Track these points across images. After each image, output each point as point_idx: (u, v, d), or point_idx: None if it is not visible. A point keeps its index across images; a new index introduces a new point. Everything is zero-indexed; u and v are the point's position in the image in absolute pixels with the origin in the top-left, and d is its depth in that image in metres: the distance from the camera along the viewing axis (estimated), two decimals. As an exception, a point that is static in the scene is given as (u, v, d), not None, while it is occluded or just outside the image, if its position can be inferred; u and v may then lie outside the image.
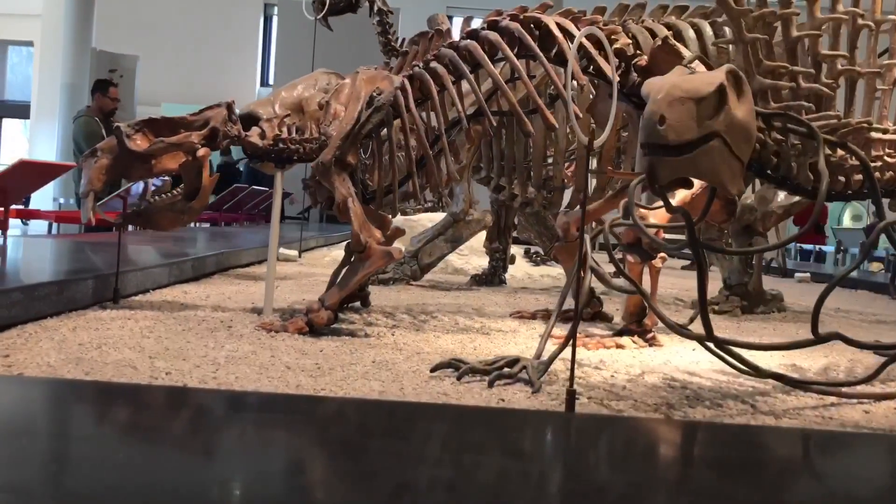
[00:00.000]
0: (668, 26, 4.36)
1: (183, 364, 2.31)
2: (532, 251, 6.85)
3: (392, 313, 3.65)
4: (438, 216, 6.37)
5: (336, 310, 3.00)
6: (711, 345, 2.13)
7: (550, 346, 2.49)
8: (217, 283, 4.52)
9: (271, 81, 21.16)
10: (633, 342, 3.13)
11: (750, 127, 1.83)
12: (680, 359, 2.94)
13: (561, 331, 3.41)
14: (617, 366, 2.73)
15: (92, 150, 3.09)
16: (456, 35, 3.41)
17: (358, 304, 3.53)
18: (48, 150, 19.85)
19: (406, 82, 3.12)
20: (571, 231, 3.80)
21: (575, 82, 2.81)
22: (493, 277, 5.50)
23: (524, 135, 3.23)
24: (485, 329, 3.37)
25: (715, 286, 4.68)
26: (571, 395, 1.99)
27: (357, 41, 15.45)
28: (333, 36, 16.18)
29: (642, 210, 3.13)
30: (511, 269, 5.75)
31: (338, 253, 6.64)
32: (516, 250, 6.34)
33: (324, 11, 6.76)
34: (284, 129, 3.28)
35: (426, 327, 3.32)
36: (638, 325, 3.19)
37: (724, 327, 3.96)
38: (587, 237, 2.55)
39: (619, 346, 3.08)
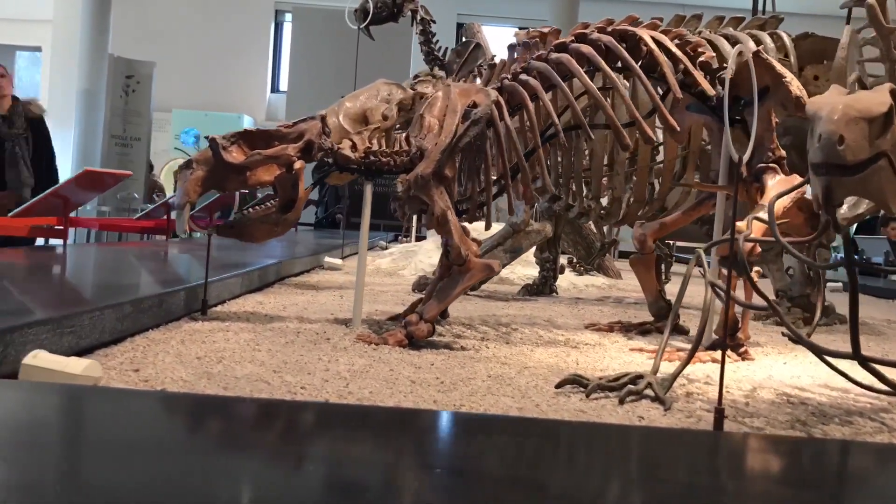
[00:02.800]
0: (727, 37, 4.38)
1: (310, 378, 2.31)
2: (575, 261, 6.86)
3: (470, 325, 3.65)
4: (478, 225, 6.38)
5: (434, 323, 3.00)
6: (827, 362, 2.13)
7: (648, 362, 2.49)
8: (282, 292, 4.52)
9: (282, 88, 21.20)
10: (728, 356, 3.12)
11: (910, 146, 1.83)
12: (780, 373, 2.95)
13: (648, 344, 3.43)
14: (725, 382, 2.72)
15: (187, 162, 3.09)
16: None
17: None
18: (62, 155, 19.91)
19: (499, 96, 3.14)
20: (648, 243, 3.82)
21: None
22: (543, 287, 5.51)
23: (622, 148, 3.23)
24: (571, 342, 3.37)
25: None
26: (720, 414, 1.99)
27: (374, 48, 15.56)
28: (348, 43, 16.25)
29: (739, 224, 3.14)
30: (554, 278, 5.75)
31: (381, 261, 6.65)
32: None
33: (367, 21, 6.77)
34: (375, 142, 3.29)
35: (513, 340, 3.32)
36: (731, 338, 3.19)
37: (783, 339, 3.96)
38: (705, 254, 2.56)
39: (713, 361, 3.08)
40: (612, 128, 3.10)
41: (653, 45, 3.16)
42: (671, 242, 7.33)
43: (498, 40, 7.10)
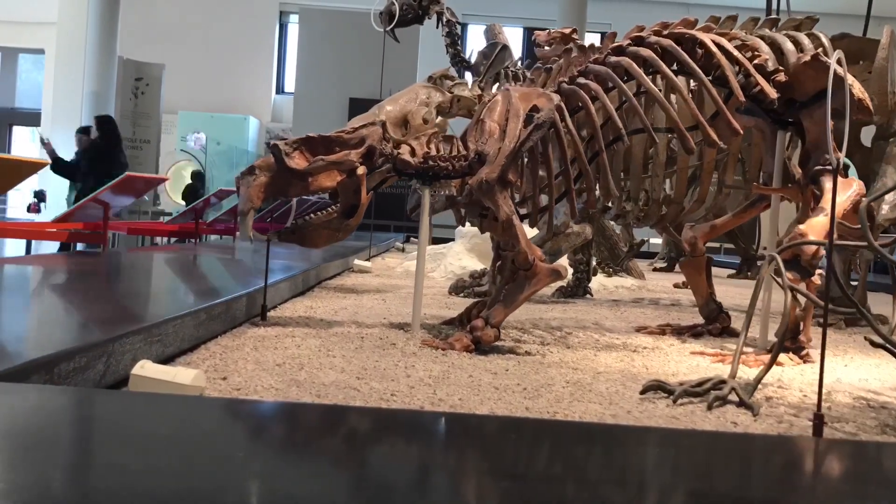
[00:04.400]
0: (763, 38, 4.38)
1: (396, 385, 2.31)
2: (602, 262, 6.86)
3: (523, 329, 3.65)
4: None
5: (500, 327, 3.00)
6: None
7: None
8: (325, 297, 4.52)
9: (287, 89, 21.18)
10: (790, 359, 3.13)
11: None
12: (846, 376, 2.95)
13: (705, 347, 3.43)
14: (798, 385, 2.74)
15: (250, 169, 3.09)
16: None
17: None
18: (66, 157, 19.87)
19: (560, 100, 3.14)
20: (699, 246, 3.82)
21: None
22: (577, 289, 5.51)
23: (686, 151, 3.23)
24: (629, 346, 3.37)
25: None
26: (820, 420, 1.99)
27: (380, 49, 15.54)
28: (354, 44, 16.16)
29: (800, 227, 3.15)
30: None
31: (409, 264, 6.65)
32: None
33: (392, 24, 6.76)
34: (433, 147, 3.29)
35: (572, 344, 3.32)
36: (793, 341, 3.19)
37: (837, 340, 3.98)
38: (775, 259, 2.56)
39: (777, 364, 3.08)
40: (676, 131, 3.10)
41: (714, 49, 3.16)
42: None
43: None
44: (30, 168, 3.45)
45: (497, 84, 6.31)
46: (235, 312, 3.06)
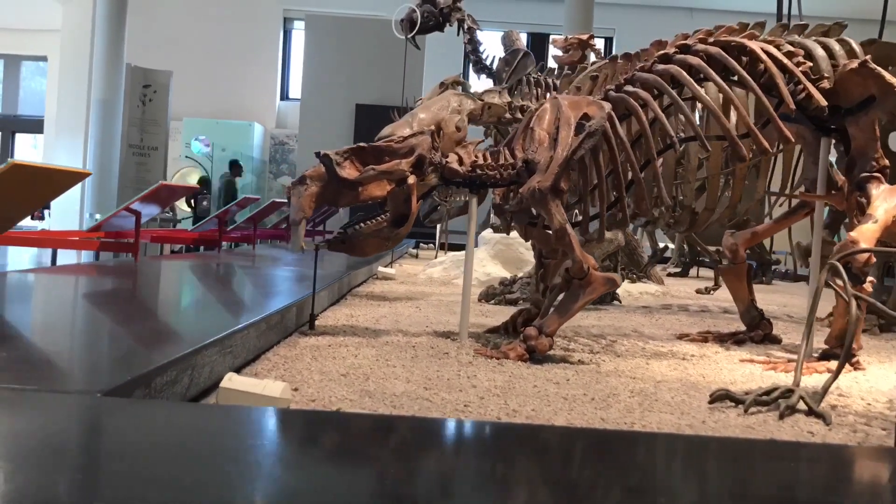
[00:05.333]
0: (792, 44, 4.39)
1: (464, 395, 2.30)
2: (625, 269, 6.86)
3: (567, 336, 3.65)
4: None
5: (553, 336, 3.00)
6: None
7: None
8: (360, 304, 4.51)
9: (291, 95, 21.20)
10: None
11: None
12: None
13: (750, 354, 3.43)
14: (857, 392, 2.74)
15: (301, 178, 3.09)
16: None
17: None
18: (72, 164, 19.86)
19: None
20: (740, 253, 3.82)
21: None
22: (605, 296, 5.51)
23: (738, 160, 3.24)
24: (677, 353, 3.37)
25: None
26: (902, 429, 1.99)
27: (388, 56, 15.56)
28: (360, 51, 16.11)
29: (851, 234, 3.15)
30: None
31: (432, 271, 6.65)
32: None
33: (414, 31, 6.76)
34: (480, 156, 3.29)
35: (621, 352, 3.32)
36: (842, 349, 3.19)
37: (877, 347, 3.98)
38: (836, 267, 2.56)
39: (828, 371, 3.08)
40: (729, 139, 3.10)
41: (764, 57, 3.17)
42: (718, 248, 7.34)
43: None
44: (70, 178, 3.44)
45: (517, 91, 6.32)
46: (287, 322, 3.06)
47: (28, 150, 25.28)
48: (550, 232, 3.05)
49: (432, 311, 4.42)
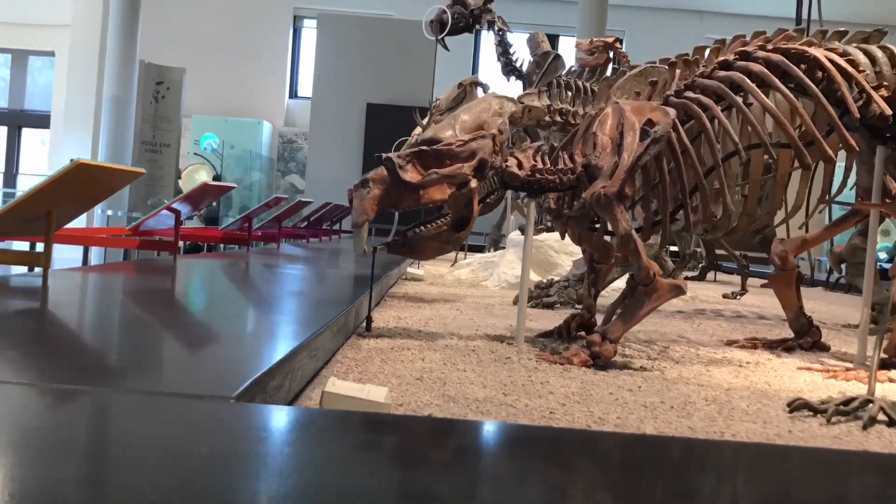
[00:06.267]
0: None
1: (545, 402, 2.30)
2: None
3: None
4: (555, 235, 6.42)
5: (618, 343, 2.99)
6: None
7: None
8: (399, 305, 4.51)
9: (300, 93, 21.19)
10: (902, 376, 3.12)
11: None
12: (965, 394, 2.94)
13: (802, 361, 3.42)
14: (927, 403, 2.72)
15: (363, 181, 3.08)
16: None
17: (583, 332, 3.56)
18: (78, 157, 19.84)
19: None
20: (790, 260, 3.81)
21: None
22: (637, 300, 5.50)
23: (803, 167, 3.23)
24: (732, 360, 3.37)
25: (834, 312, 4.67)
26: None
27: (398, 56, 15.55)
28: (372, 50, 16.08)
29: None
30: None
31: (460, 272, 6.64)
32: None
33: (444, 32, 6.76)
34: (539, 160, 3.28)
35: (678, 358, 3.31)
36: (902, 357, 3.19)
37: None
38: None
39: (890, 381, 3.08)
40: (793, 146, 3.10)
41: (829, 65, 3.16)
42: (743, 253, 7.34)
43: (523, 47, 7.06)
44: (126, 177, 3.43)
45: (548, 93, 6.31)
46: (349, 324, 3.05)
47: (35, 145, 25.28)
48: (614, 238, 3.04)
49: (473, 313, 4.41)
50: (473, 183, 3.10)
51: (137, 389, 1.45)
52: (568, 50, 13.38)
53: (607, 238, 3.38)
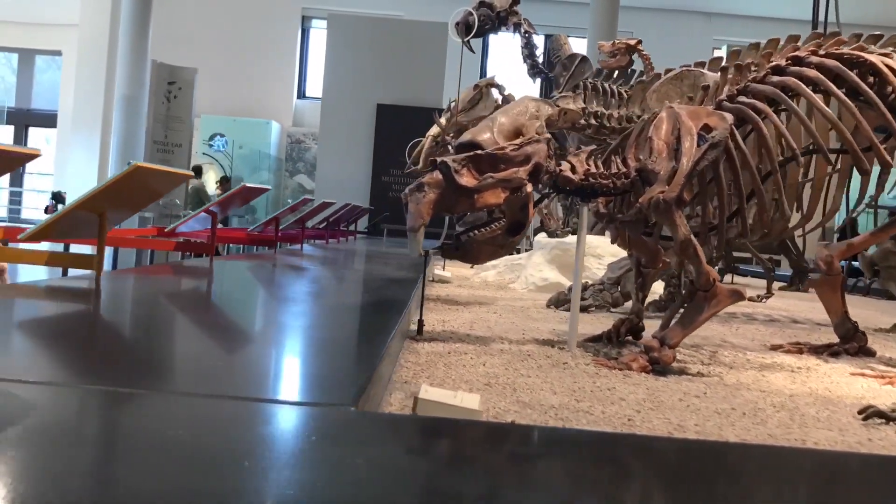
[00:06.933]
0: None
1: (619, 409, 2.29)
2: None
3: (663, 346, 3.62)
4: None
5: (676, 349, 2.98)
6: None
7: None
8: (440, 309, 4.51)
9: (308, 94, 21.19)
10: (952, 381, 3.12)
11: None
12: None
13: (852, 366, 3.41)
14: None
15: (419, 185, 3.06)
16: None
17: (630, 337, 3.56)
18: (89, 159, 19.84)
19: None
20: (835, 264, 3.80)
21: None
22: (669, 303, 5.49)
23: (861, 173, 3.22)
24: (783, 365, 3.36)
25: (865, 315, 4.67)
26: None
27: (408, 57, 15.53)
28: (382, 50, 16.04)
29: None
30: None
31: (486, 274, 6.63)
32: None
33: (471, 35, 6.74)
34: (592, 164, 3.27)
35: (732, 363, 3.30)
36: (958, 364, 3.18)
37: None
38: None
39: (942, 387, 3.07)
40: (851, 152, 3.09)
41: (886, 70, 3.16)
42: (771, 257, 7.33)
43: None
44: (177, 179, 3.42)
45: (583, 96, 6.30)
46: (404, 328, 3.04)
47: (42, 144, 25.27)
48: (662, 242, 3.03)
49: (512, 316, 4.40)
50: (529, 187, 3.09)
51: (259, 398, 1.44)
52: (580, 51, 13.38)
53: (660, 243, 3.37)
